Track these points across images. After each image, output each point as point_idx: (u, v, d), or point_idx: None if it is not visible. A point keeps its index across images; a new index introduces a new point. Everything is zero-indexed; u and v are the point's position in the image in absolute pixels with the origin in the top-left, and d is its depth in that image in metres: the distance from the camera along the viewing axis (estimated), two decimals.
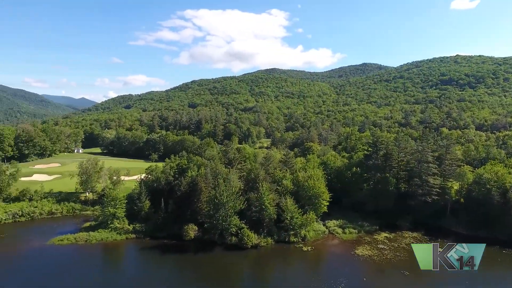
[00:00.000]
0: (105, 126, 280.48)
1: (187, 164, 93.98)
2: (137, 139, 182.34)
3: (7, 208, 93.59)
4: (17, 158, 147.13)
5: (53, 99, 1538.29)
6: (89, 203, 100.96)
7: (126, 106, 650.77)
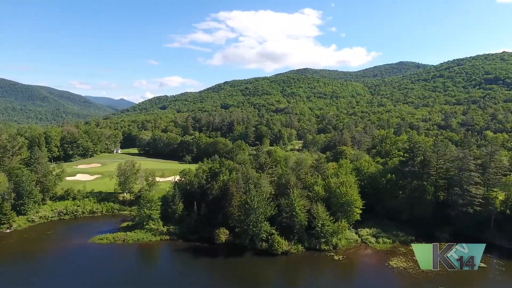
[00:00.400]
0: (142, 127, 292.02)
1: (219, 168, 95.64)
2: (171, 141, 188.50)
3: (53, 206, 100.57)
4: (62, 158, 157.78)
5: (95, 100, 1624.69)
6: (126, 203, 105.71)
7: (162, 107, 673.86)
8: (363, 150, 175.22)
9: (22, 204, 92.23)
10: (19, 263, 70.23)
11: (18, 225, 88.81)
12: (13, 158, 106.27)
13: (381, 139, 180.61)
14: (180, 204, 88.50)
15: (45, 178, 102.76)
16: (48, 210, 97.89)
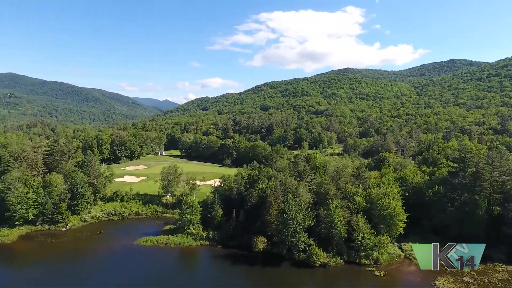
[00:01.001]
0: (184, 129, 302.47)
1: (258, 175, 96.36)
2: (212, 144, 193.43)
3: (103, 207, 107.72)
4: (112, 160, 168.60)
5: (142, 101, 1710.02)
6: (169, 206, 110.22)
7: (204, 108, 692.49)
8: (408, 156, 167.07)
9: (76, 204, 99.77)
10: (72, 261, 76.22)
11: (73, 224, 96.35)
12: (69, 161, 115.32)
13: (428, 144, 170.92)
14: (220, 210, 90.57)
15: (97, 180, 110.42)
16: (98, 210, 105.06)
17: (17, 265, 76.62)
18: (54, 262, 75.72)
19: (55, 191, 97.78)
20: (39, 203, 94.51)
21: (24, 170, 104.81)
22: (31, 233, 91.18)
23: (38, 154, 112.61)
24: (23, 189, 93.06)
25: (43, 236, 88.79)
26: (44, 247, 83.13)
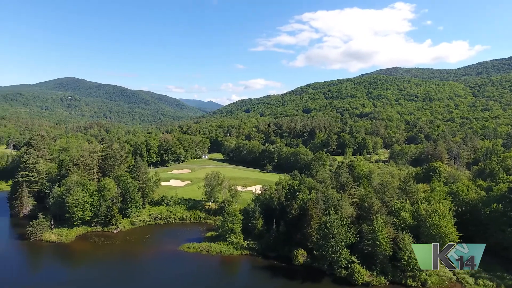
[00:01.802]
0: (227, 132, 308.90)
1: (299, 185, 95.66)
2: (254, 149, 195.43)
3: (151, 210, 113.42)
4: (159, 163, 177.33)
5: (187, 102, 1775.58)
6: (211, 212, 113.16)
7: (246, 110, 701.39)
8: (462, 166, 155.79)
9: (127, 208, 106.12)
10: (122, 263, 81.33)
11: (123, 226, 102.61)
12: (121, 166, 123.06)
13: (485, 153, 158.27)
14: (260, 219, 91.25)
15: (145, 185, 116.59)
16: (146, 214, 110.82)
17: (75, 263, 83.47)
18: (107, 263, 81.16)
19: (108, 195, 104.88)
20: (94, 205, 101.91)
21: (81, 174, 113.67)
22: (87, 233, 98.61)
23: (94, 159, 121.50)
24: (81, 193, 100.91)
25: (97, 237, 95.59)
26: (98, 248, 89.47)
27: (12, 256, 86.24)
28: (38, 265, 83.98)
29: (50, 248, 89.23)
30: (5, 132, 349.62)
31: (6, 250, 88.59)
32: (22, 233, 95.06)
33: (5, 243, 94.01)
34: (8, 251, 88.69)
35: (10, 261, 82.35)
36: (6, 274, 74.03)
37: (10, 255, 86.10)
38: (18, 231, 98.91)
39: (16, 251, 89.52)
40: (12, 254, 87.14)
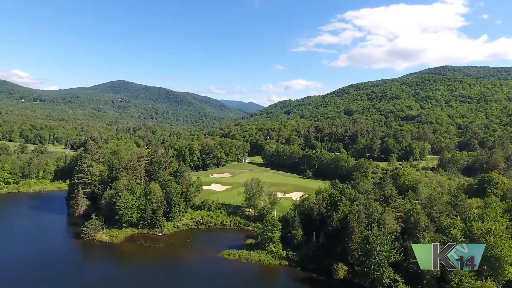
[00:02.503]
0: (267, 135, 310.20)
1: (340, 196, 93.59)
2: (293, 154, 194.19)
3: (193, 215, 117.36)
4: (201, 167, 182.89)
5: (228, 103, 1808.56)
6: (251, 219, 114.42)
7: (286, 111, 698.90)
8: None
9: (170, 211, 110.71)
10: (166, 266, 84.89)
11: (167, 229, 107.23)
12: (165, 171, 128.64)
13: None
14: (300, 229, 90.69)
15: (188, 190, 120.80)
16: (189, 218, 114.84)
17: (123, 264, 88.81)
18: (152, 266, 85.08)
19: (153, 198, 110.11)
20: (141, 208, 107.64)
21: (130, 178, 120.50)
22: (134, 235, 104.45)
23: (141, 163, 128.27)
24: (129, 196, 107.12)
25: (143, 239, 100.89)
26: (144, 250, 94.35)
27: (69, 253, 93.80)
28: (91, 263, 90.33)
29: (102, 248, 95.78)
30: (64, 133, 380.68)
31: (64, 248, 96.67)
32: (77, 232, 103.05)
33: (63, 241, 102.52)
34: (66, 248, 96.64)
35: (68, 258, 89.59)
36: (64, 271, 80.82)
37: (67, 253, 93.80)
38: (74, 230, 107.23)
39: (72, 249, 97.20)
40: (69, 252, 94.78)
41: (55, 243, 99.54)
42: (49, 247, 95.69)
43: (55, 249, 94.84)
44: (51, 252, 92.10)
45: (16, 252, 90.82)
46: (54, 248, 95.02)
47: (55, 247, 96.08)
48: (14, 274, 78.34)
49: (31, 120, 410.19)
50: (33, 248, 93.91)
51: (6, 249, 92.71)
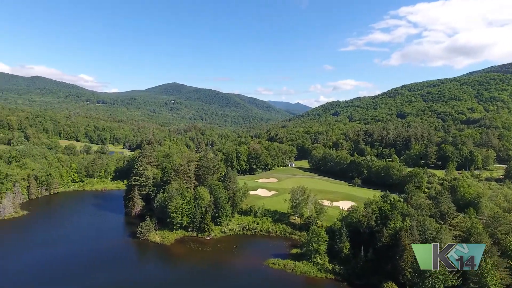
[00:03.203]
0: (314, 139, 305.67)
1: (391, 210, 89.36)
2: (341, 160, 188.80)
3: (239, 220, 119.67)
4: (248, 171, 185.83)
5: (275, 104, 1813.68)
6: (297, 227, 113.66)
7: (334, 113, 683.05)
8: None
9: (218, 216, 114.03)
10: (213, 271, 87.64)
11: (215, 234, 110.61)
12: (214, 176, 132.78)
13: None
14: (347, 243, 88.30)
15: (235, 195, 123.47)
16: (235, 223, 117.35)
17: (174, 266, 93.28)
18: (200, 270, 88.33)
19: (202, 203, 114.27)
20: (190, 212, 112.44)
21: (180, 182, 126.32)
22: (184, 237, 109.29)
23: (191, 168, 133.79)
24: (180, 200, 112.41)
25: (192, 242, 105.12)
26: (193, 253, 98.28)
27: (125, 252, 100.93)
28: (145, 263, 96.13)
29: (155, 249, 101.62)
30: (122, 134, 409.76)
31: (121, 246, 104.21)
32: (133, 231, 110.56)
33: (120, 239, 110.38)
34: (123, 247, 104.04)
35: (124, 257, 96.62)
36: (121, 268, 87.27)
37: (124, 251, 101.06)
38: (130, 229, 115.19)
39: (128, 248, 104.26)
40: (125, 250, 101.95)
41: (114, 241, 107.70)
42: (109, 244, 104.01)
43: (114, 246, 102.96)
44: (110, 249, 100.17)
45: (82, 247, 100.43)
46: (113, 246, 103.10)
47: (114, 245, 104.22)
48: (78, 269, 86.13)
49: (94, 121, 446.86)
50: (95, 245, 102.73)
51: (73, 245, 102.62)
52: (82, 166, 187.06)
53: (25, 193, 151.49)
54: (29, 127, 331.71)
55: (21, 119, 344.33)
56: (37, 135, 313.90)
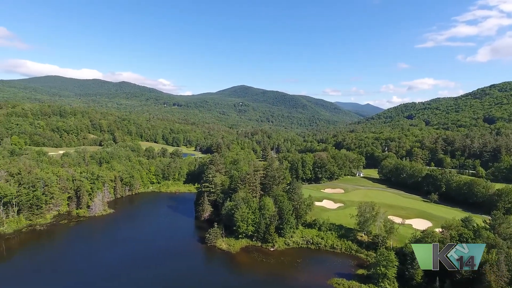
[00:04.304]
0: (385, 146, 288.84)
1: (473, 238, 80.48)
2: (415, 173, 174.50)
3: (304, 233, 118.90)
4: (313, 180, 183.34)
5: (343, 106, 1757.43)
6: (364, 245, 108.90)
7: (408, 116, 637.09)
8: None
9: (282, 228, 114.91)
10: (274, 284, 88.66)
11: (278, 245, 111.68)
12: (279, 186, 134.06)
13: None
14: (420, 270, 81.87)
15: (299, 207, 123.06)
16: (299, 236, 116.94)
17: (238, 275, 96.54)
18: (263, 281, 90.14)
19: (267, 213, 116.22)
20: (255, 222, 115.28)
21: (246, 191, 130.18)
22: (249, 246, 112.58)
23: (257, 177, 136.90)
24: (245, 209, 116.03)
25: (256, 252, 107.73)
26: (257, 263, 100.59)
27: (194, 256, 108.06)
28: (212, 269, 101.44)
29: (221, 256, 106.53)
30: (194, 137, 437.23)
31: (190, 250, 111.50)
32: (201, 236, 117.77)
33: (190, 243, 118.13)
34: (192, 251, 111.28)
35: (192, 261, 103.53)
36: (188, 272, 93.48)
37: (192, 255, 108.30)
38: (199, 234, 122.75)
39: (197, 252, 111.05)
40: (194, 254, 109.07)
41: (184, 244, 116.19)
42: (179, 247, 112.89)
43: (184, 249, 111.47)
44: (180, 252, 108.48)
45: (156, 247, 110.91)
46: (183, 249, 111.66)
47: (184, 248, 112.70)
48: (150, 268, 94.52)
49: (170, 124, 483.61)
50: (167, 246, 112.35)
51: (149, 244, 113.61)
52: (159, 169, 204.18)
53: (112, 192, 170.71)
54: (117, 130, 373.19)
55: (110, 122, 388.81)
56: (123, 137, 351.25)
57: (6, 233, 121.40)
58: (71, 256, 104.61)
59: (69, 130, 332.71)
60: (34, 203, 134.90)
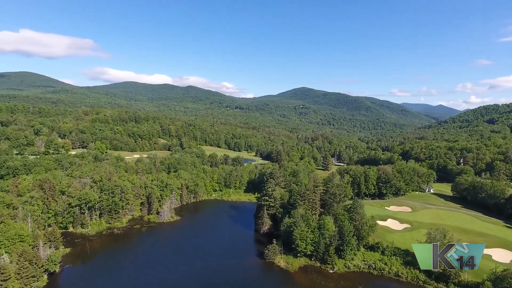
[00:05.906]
0: (460, 157, 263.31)
1: None
2: (497, 193, 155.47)
3: (365, 256, 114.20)
4: (377, 195, 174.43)
5: (412, 107, 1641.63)
6: (433, 276, 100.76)
7: (489, 120, 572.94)
8: None
9: (342, 249, 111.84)
10: None
11: (338, 267, 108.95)
12: (339, 204, 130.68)
13: None
14: None
15: (361, 227, 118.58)
16: (360, 259, 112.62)
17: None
18: None
19: (326, 233, 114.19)
20: (315, 241, 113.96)
21: (306, 208, 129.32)
22: (307, 265, 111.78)
23: (317, 194, 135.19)
24: (304, 228, 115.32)
25: (315, 273, 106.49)
26: (315, 285, 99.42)
27: (252, 272, 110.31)
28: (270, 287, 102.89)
29: (279, 274, 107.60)
30: (255, 142, 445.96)
31: (249, 266, 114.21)
32: (260, 251, 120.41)
33: (249, 257, 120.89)
34: (250, 266, 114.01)
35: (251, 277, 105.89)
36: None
37: (250, 271, 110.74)
38: (258, 248, 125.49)
39: (255, 268, 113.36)
40: (252, 270, 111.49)
41: (243, 258, 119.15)
42: (238, 261, 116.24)
43: (243, 264, 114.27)
44: (239, 266, 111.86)
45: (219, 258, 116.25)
46: (242, 263, 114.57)
47: (243, 262, 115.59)
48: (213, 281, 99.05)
49: (232, 129, 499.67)
50: (228, 259, 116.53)
51: (210, 257, 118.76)
52: (221, 177, 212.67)
53: (179, 199, 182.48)
54: (183, 135, 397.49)
55: (178, 128, 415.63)
56: (189, 143, 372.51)
57: (89, 234, 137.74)
58: (141, 261, 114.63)
59: (142, 135, 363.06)
60: (113, 208, 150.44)
